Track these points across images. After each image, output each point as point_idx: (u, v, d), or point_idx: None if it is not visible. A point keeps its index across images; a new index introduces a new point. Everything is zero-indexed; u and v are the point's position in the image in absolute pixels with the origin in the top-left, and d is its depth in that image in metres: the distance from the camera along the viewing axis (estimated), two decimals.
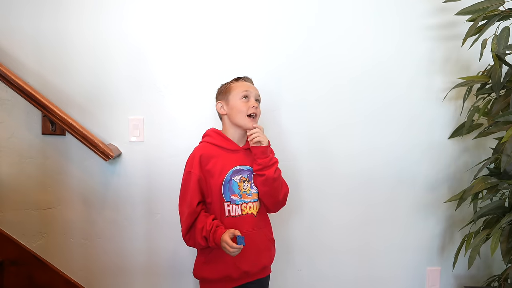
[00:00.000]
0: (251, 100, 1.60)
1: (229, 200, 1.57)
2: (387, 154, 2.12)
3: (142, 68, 1.98)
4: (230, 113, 1.61)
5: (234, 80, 1.67)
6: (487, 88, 1.88)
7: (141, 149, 2.00)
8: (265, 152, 1.56)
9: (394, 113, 2.11)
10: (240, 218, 1.58)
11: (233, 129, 1.63)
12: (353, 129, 2.09)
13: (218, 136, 1.62)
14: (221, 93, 1.66)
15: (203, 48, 2.01)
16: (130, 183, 2.00)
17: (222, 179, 1.56)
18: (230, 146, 1.61)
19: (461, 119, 2.13)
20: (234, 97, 1.60)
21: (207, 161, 1.56)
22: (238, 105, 1.59)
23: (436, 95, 2.12)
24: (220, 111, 1.64)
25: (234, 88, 1.62)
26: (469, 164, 2.16)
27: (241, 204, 1.58)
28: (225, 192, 1.57)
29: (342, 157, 2.09)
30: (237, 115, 1.59)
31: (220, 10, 2.01)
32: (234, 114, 1.60)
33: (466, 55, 2.09)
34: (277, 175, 1.59)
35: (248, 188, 1.60)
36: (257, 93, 1.63)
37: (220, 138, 1.62)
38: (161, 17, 1.99)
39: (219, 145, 1.60)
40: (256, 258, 1.61)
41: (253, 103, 1.59)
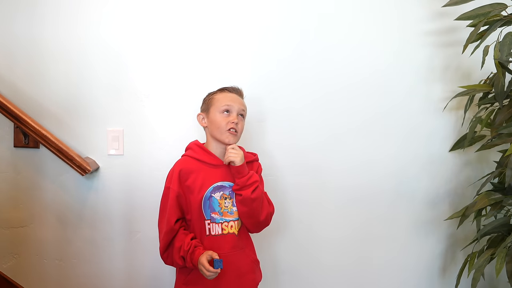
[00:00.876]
0: (232, 115, 1.56)
1: (209, 218, 1.54)
2: (383, 168, 2.07)
3: (122, 75, 1.93)
4: (210, 127, 1.58)
5: (219, 91, 1.63)
6: (489, 98, 1.84)
7: (120, 162, 1.94)
8: (241, 172, 1.52)
9: (391, 124, 2.06)
10: (220, 238, 1.54)
11: (215, 143, 1.59)
12: (346, 140, 2.05)
13: (200, 149, 1.58)
14: (204, 104, 1.63)
15: (188, 54, 1.96)
16: (109, 199, 1.94)
17: (202, 196, 1.52)
18: (211, 161, 1.56)
19: (462, 131, 2.09)
20: (215, 110, 1.57)
21: (186, 176, 1.52)
22: (217, 119, 1.55)
23: (435, 105, 2.08)
24: (201, 123, 1.61)
25: (216, 100, 1.58)
26: (471, 179, 2.13)
27: (222, 223, 1.54)
28: (205, 209, 1.53)
29: (334, 170, 2.04)
30: (216, 130, 1.56)
31: (205, 13, 1.95)
32: (213, 128, 1.57)
33: (467, 63, 2.05)
34: (256, 196, 1.53)
35: (230, 206, 1.55)
36: (240, 107, 1.58)
37: (202, 152, 1.58)
38: (142, 21, 1.93)
39: (200, 159, 1.56)
40: (238, 282, 1.56)
41: (233, 118, 1.55)
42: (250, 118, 1.87)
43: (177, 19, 1.95)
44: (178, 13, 1.95)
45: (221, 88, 1.64)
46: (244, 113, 1.61)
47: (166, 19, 1.95)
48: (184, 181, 1.53)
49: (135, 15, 1.93)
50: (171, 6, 1.95)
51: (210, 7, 1.96)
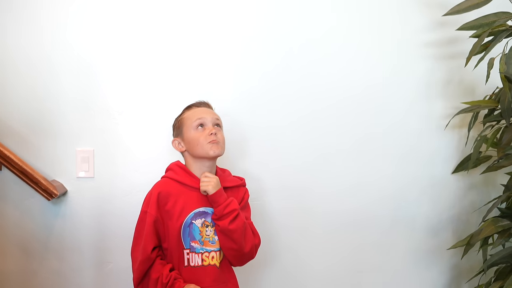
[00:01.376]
0: (207, 126, 1.52)
1: (189, 248, 1.48)
2: (377, 191, 2.03)
3: (92, 90, 1.87)
4: (189, 148, 1.53)
5: (185, 110, 1.60)
6: (495, 115, 1.82)
7: (90, 186, 1.88)
8: (216, 201, 1.47)
9: (387, 143, 2.03)
10: (200, 270, 1.49)
11: (198, 163, 1.54)
12: (336, 161, 2.01)
13: (182, 171, 1.54)
14: (175, 129, 1.60)
15: (165, 66, 1.91)
16: (78, 226, 1.88)
17: (182, 222, 1.47)
18: (193, 184, 1.51)
19: (466, 151, 2.04)
20: (188, 129, 1.53)
21: (166, 200, 1.48)
22: (194, 137, 1.52)
23: (436, 123, 2.05)
24: (178, 149, 1.57)
25: (185, 119, 1.55)
26: (476, 204, 2.08)
27: (203, 253, 1.49)
28: (184, 237, 1.48)
29: (325, 193, 2.00)
30: (197, 147, 1.51)
31: (184, 22, 1.90)
32: (193, 147, 1.52)
33: (471, 77, 2.00)
34: (235, 227, 1.47)
35: (211, 235, 1.50)
36: (214, 117, 1.55)
37: (184, 173, 1.53)
38: (114, 31, 1.87)
39: (182, 182, 1.51)
40: None
41: (210, 130, 1.51)
42: (232, 137, 1.81)
43: (154, 27, 1.91)
44: (155, 21, 1.91)
45: (186, 106, 1.62)
46: (220, 123, 1.57)
47: (142, 27, 1.90)
48: (163, 205, 1.48)
49: (107, 23, 1.88)
50: (148, 13, 1.90)
51: (189, 17, 1.92)
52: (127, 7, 1.89)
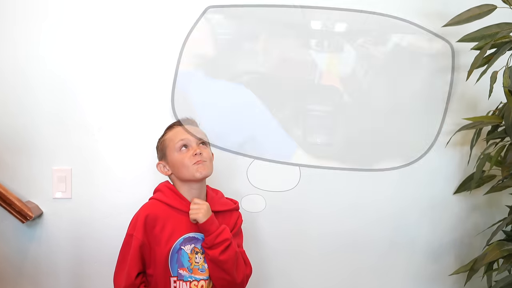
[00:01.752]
0: (191, 147, 1.49)
1: (176, 275, 1.45)
2: (374, 212, 1.98)
3: (69, 105, 1.84)
4: (175, 171, 1.51)
5: (167, 130, 1.57)
6: (499, 132, 1.77)
7: (68, 207, 1.84)
8: (207, 229, 1.44)
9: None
10: None
11: (186, 186, 1.51)
12: (332, 179, 1.96)
13: (171, 193, 1.50)
14: (158, 151, 1.58)
15: (147, 80, 1.86)
16: (54, 251, 1.84)
17: (170, 248, 1.43)
18: (183, 207, 1.47)
19: (468, 170, 1.97)
20: (172, 151, 1.50)
21: (153, 223, 1.44)
22: (178, 159, 1.49)
23: (437, 140, 1.99)
24: (164, 172, 1.54)
25: (168, 141, 1.53)
26: (480, 226, 2.01)
27: (191, 282, 1.45)
28: (172, 264, 1.44)
29: (320, 214, 1.96)
30: (182, 170, 1.48)
31: (165, 36, 1.87)
32: (178, 170, 1.50)
33: (473, 91, 1.93)
34: (226, 258, 1.44)
35: (201, 262, 1.47)
36: (198, 136, 1.53)
37: (173, 195, 1.50)
38: (92, 41, 1.84)
39: (171, 205, 1.48)
40: None
41: (194, 150, 1.48)
42: (219, 155, 1.78)
43: (135, 41, 1.87)
44: (136, 35, 1.87)
45: (168, 126, 1.59)
46: (206, 140, 1.55)
47: (121, 40, 1.86)
48: (150, 229, 1.44)
49: (83, 34, 1.85)
50: (128, 27, 1.87)
51: (170, 30, 1.88)
52: (102, 21, 1.86)
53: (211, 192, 1.55)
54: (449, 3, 1.86)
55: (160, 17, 1.88)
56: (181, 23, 1.88)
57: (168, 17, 1.88)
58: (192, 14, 1.88)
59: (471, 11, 1.71)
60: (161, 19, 1.88)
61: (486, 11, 1.70)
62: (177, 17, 1.88)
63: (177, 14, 1.88)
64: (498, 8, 1.68)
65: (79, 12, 1.85)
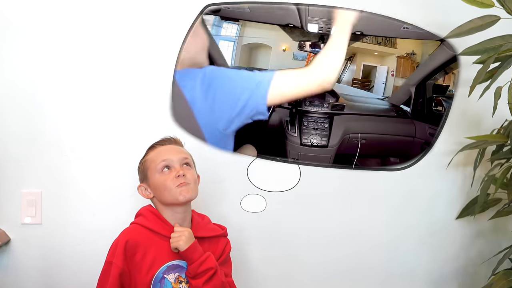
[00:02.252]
0: (174, 168, 1.45)
1: None
2: (372, 238, 1.96)
3: (40, 123, 1.78)
4: (156, 194, 1.47)
5: (149, 150, 1.54)
6: (505, 152, 1.72)
7: (37, 233, 1.79)
8: (190, 258, 1.41)
9: (382, 186, 1.95)
10: None
11: (169, 210, 1.47)
12: (326, 204, 1.93)
13: (154, 217, 1.47)
14: (139, 173, 1.54)
15: (123, 96, 1.81)
16: (22, 280, 1.80)
17: (152, 276, 1.39)
18: (167, 232, 1.44)
19: (472, 193, 1.93)
20: (153, 173, 1.47)
21: (134, 250, 1.40)
22: (159, 181, 1.45)
23: (437, 160, 1.95)
24: (145, 196, 1.51)
25: (150, 161, 1.49)
26: (485, 254, 1.97)
27: None
28: None
29: (310, 239, 1.93)
30: (164, 193, 1.45)
31: (144, 47, 1.81)
32: (160, 193, 1.46)
33: (476, 108, 1.88)
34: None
35: None
36: (181, 156, 1.49)
37: (156, 220, 1.46)
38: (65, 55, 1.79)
39: (153, 230, 1.44)
40: None
41: (177, 171, 1.44)
42: (203, 178, 1.70)
43: (109, 48, 1.81)
44: (110, 42, 1.82)
45: (150, 146, 1.55)
46: (190, 161, 1.52)
47: (96, 55, 1.81)
48: (131, 256, 1.40)
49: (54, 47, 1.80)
50: (101, 33, 1.81)
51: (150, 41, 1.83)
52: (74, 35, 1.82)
53: (197, 217, 1.52)
54: (450, 14, 1.81)
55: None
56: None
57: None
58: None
59: (473, 22, 1.67)
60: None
61: (489, 22, 1.65)
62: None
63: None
64: (502, 19, 1.62)
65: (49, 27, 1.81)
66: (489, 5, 1.64)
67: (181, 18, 1.83)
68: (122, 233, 1.45)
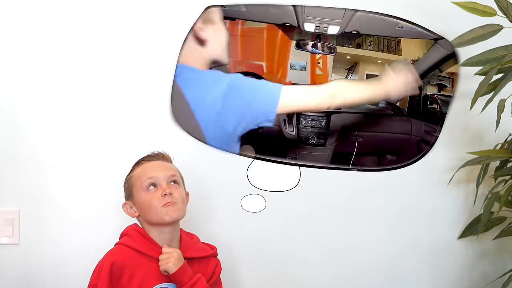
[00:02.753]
0: (161, 186, 1.42)
1: None
2: (369, 258, 1.92)
3: (17, 138, 1.73)
4: (142, 213, 1.45)
5: (135, 166, 1.51)
6: (509, 167, 1.70)
7: (14, 254, 1.73)
8: (179, 281, 1.38)
9: (379, 201, 1.91)
10: None
11: (156, 230, 1.44)
12: (320, 221, 1.90)
13: (140, 237, 1.44)
14: (125, 190, 1.52)
15: (105, 109, 1.75)
16: None
17: None
18: (155, 253, 1.41)
19: (475, 211, 1.89)
20: (138, 191, 1.44)
21: (121, 272, 1.37)
22: (145, 200, 1.43)
23: (438, 177, 1.92)
24: (130, 214, 1.48)
25: (135, 178, 1.47)
26: (489, 276, 1.94)
27: None
28: None
29: (304, 258, 1.89)
30: (150, 212, 1.42)
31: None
32: (146, 212, 1.44)
33: (478, 122, 1.86)
34: None
35: None
36: (169, 173, 1.45)
37: (143, 240, 1.43)
38: (41, 69, 1.74)
39: (140, 251, 1.41)
40: None
41: (164, 189, 1.41)
42: (191, 195, 1.66)
43: (95, 56, 1.76)
44: (98, 49, 1.77)
45: (136, 161, 1.52)
46: (177, 178, 1.48)
47: (75, 68, 1.75)
48: (117, 279, 1.37)
49: (32, 58, 1.74)
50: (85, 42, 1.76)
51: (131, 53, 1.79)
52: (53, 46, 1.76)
53: (185, 237, 1.48)
54: (451, 23, 1.80)
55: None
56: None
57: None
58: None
59: (474, 32, 1.65)
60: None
61: (491, 31, 1.64)
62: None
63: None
64: (505, 29, 1.60)
65: (26, 35, 1.76)
66: (491, 14, 1.62)
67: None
68: (107, 255, 1.41)
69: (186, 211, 1.43)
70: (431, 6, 1.88)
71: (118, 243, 1.44)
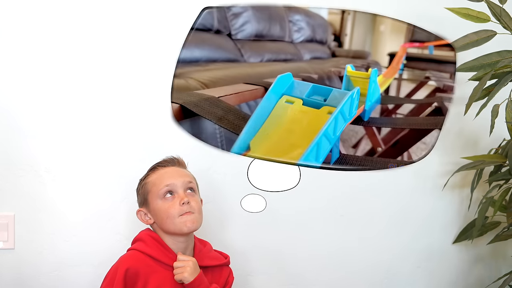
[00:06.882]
0: (178, 194, 1.40)
1: None
2: (362, 263, 1.91)
3: (12, 142, 1.70)
4: (158, 221, 1.42)
5: (150, 172, 1.47)
6: (503, 172, 1.71)
7: (10, 259, 1.68)
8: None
9: (375, 206, 1.91)
10: None
11: (171, 238, 1.42)
12: (312, 223, 1.89)
13: (155, 243, 1.41)
14: (138, 195, 1.49)
15: (103, 115, 1.72)
16: None
17: None
18: (169, 261, 1.38)
19: (469, 216, 1.90)
20: (154, 198, 1.41)
21: (134, 280, 1.35)
22: (162, 208, 1.40)
23: (432, 182, 1.93)
24: (145, 221, 1.46)
25: (151, 185, 1.43)
26: (484, 280, 1.95)
27: None
28: None
29: (296, 261, 1.89)
30: (166, 222, 1.39)
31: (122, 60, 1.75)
32: (162, 221, 1.41)
33: (472, 127, 1.87)
34: None
35: None
36: (186, 180, 1.42)
37: (158, 247, 1.41)
38: (37, 72, 1.71)
39: (155, 258, 1.38)
40: None
41: (182, 198, 1.38)
42: None
43: (89, 60, 1.73)
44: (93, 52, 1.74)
45: (151, 167, 1.48)
46: (194, 185, 1.45)
47: (73, 62, 1.73)
48: (131, 286, 1.35)
49: (30, 60, 1.71)
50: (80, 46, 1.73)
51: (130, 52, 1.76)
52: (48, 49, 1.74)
53: (199, 244, 1.46)
54: (445, 29, 1.72)
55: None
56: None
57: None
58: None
59: (468, 38, 1.66)
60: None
61: (485, 37, 1.65)
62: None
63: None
64: (498, 35, 1.62)
65: (22, 37, 1.74)
66: (484, 20, 1.63)
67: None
68: (121, 260, 1.39)
69: (202, 221, 1.43)
70: (425, 12, 1.86)
71: (131, 248, 1.42)
